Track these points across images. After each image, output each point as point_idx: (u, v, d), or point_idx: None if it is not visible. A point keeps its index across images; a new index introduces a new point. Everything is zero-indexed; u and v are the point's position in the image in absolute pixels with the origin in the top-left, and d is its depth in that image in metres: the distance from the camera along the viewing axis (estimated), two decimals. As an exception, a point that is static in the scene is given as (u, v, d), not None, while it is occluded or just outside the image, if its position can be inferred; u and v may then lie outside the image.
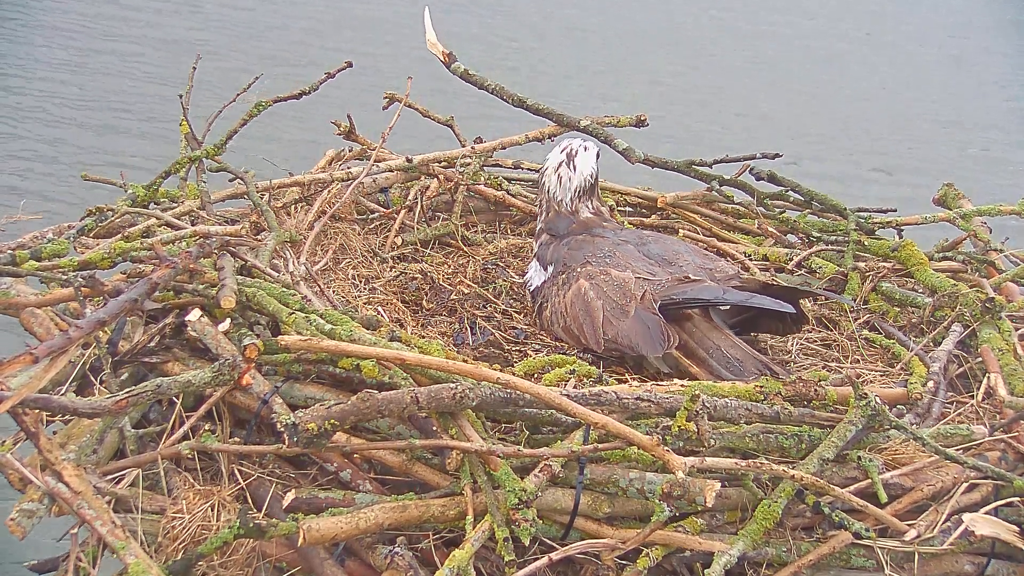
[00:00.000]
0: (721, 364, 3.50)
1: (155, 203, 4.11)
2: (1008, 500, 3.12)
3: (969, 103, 14.00)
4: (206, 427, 3.11)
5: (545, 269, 4.07)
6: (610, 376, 3.44)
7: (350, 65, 4.49)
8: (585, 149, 4.26)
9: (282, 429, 2.75)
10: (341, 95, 4.85)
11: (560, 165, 4.23)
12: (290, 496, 2.91)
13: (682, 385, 3.21)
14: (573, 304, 3.76)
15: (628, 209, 5.00)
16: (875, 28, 17.34)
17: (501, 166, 5.11)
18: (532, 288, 4.11)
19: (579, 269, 3.85)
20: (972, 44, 17.20)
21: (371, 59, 11.45)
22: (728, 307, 3.69)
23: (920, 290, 4.25)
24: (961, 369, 3.71)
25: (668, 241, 4.11)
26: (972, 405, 3.50)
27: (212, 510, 2.91)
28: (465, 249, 4.59)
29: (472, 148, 4.73)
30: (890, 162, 11.10)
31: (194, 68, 4.39)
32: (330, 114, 5.00)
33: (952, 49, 16.86)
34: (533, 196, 4.85)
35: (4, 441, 3.03)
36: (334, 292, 3.90)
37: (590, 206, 4.25)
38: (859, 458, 3.05)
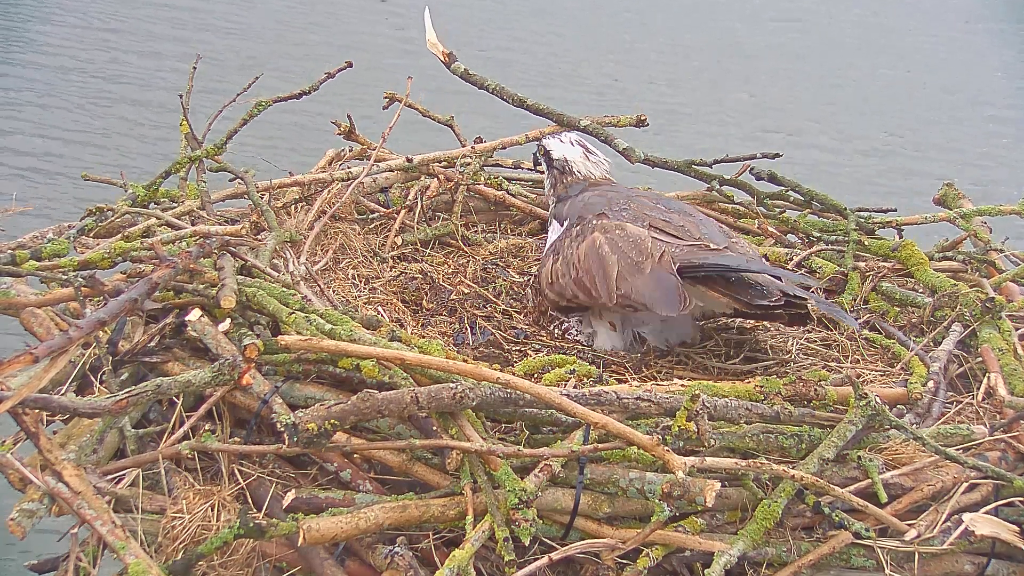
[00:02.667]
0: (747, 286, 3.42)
1: (155, 203, 4.12)
2: (1008, 500, 3.13)
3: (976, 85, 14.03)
4: (206, 427, 3.11)
5: (562, 225, 4.04)
6: (610, 376, 3.44)
7: (350, 65, 4.49)
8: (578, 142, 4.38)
9: (282, 429, 2.75)
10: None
11: (584, 155, 4.32)
12: (290, 496, 2.91)
13: (682, 385, 3.21)
14: (587, 257, 3.67)
15: (628, 209, 5.00)
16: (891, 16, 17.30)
17: (501, 166, 5.11)
18: (547, 246, 4.06)
19: (594, 222, 3.78)
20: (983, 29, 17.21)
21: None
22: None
23: (920, 290, 4.25)
24: (961, 369, 3.71)
25: (683, 204, 4.07)
26: (972, 405, 3.50)
27: (212, 510, 2.91)
28: (465, 249, 4.59)
29: (472, 148, 4.73)
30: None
31: (194, 68, 4.40)
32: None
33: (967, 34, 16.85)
34: (533, 196, 4.86)
35: (4, 441, 3.03)
36: (334, 292, 3.90)
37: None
38: (859, 458, 3.05)
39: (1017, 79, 14.92)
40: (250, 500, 2.99)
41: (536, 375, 3.28)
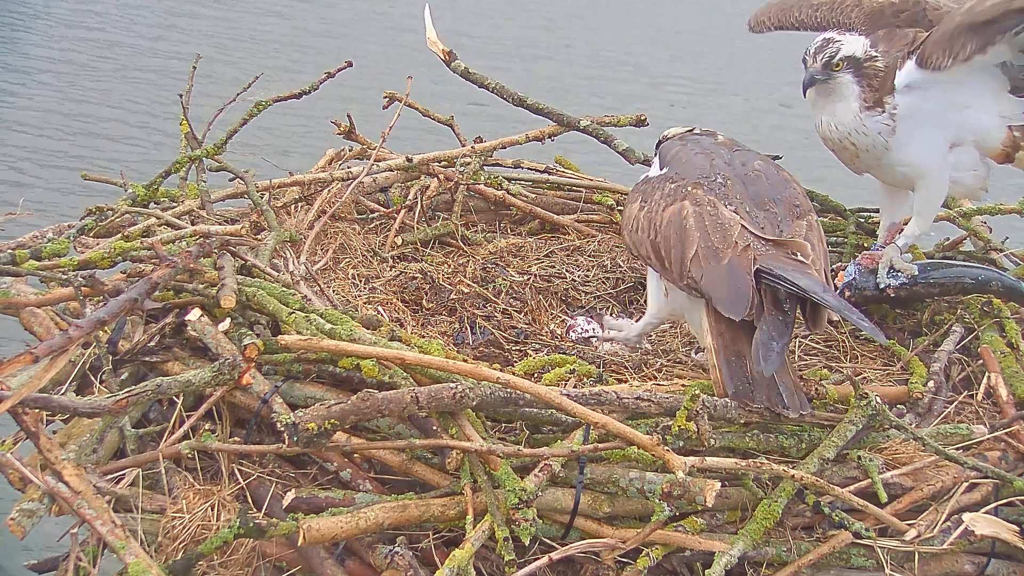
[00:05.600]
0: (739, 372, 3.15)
1: (155, 203, 4.12)
2: (1008, 500, 3.13)
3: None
4: (206, 427, 3.11)
5: (661, 168, 3.76)
6: (610, 376, 3.44)
7: (350, 65, 4.50)
8: None
9: (282, 429, 2.75)
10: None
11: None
12: (290, 496, 2.91)
13: (682, 385, 3.21)
14: (669, 224, 3.43)
15: (628, 208, 5.00)
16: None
17: (501, 165, 5.11)
18: (640, 179, 3.81)
19: (688, 188, 3.50)
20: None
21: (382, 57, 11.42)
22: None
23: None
24: (964, 373, 3.71)
25: (777, 185, 3.59)
26: (972, 405, 3.50)
27: (212, 510, 2.91)
28: (465, 249, 4.59)
29: (472, 147, 4.73)
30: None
31: (194, 68, 4.40)
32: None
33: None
34: (533, 196, 4.86)
35: (4, 441, 3.03)
36: (334, 292, 3.90)
37: None
38: (859, 458, 3.05)
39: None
40: (250, 500, 2.99)
41: (536, 375, 3.28)
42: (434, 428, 2.93)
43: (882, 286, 3.84)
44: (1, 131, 9.19)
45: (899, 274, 3.84)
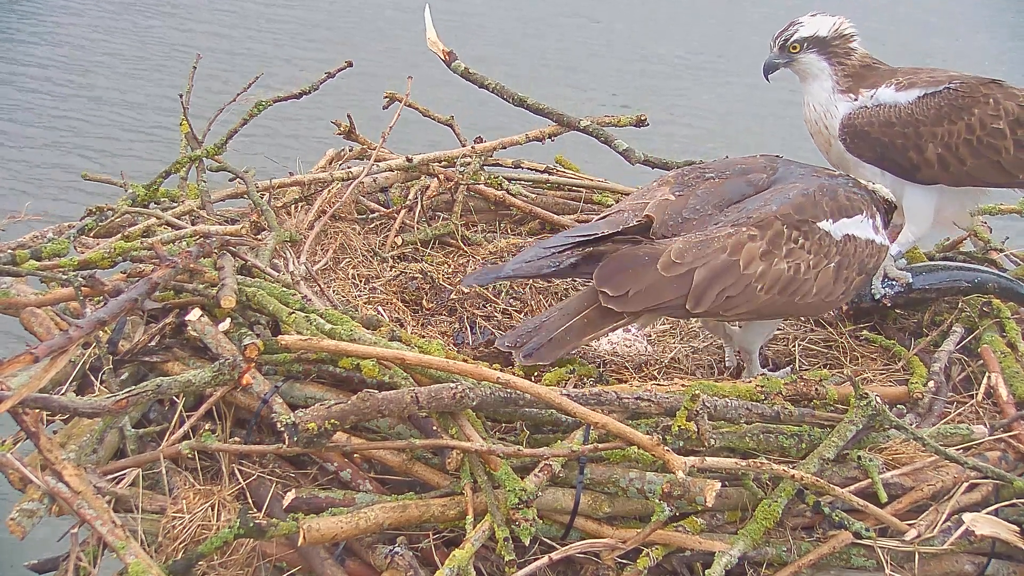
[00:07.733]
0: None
1: (155, 203, 4.11)
2: (1009, 501, 3.13)
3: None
4: (206, 427, 3.11)
5: None
6: (610, 376, 3.44)
7: (350, 65, 4.50)
8: None
9: (282, 429, 2.75)
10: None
11: None
12: (290, 496, 2.91)
13: (682, 385, 3.21)
14: None
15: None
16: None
17: (501, 166, 5.10)
18: None
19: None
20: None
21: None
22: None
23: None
24: (964, 373, 3.71)
25: (782, 190, 3.50)
26: (972, 405, 3.50)
27: (212, 510, 2.91)
28: (465, 249, 4.59)
29: (472, 147, 4.73)
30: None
31: (194, 68, 4.39)
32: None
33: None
34: (534, 196, 4.86)
35: (4, 441, 3.03)
36: (334, 292, 3.90)
37: None
38: (859, 458, 3.05)
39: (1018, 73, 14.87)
40: (250, 500, 2.99)
41: (536, 375, 3.28)
42: (434, 428, 2.93)
43: (877, 296, 3.84)
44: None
45: (894, 283, 3.84)
